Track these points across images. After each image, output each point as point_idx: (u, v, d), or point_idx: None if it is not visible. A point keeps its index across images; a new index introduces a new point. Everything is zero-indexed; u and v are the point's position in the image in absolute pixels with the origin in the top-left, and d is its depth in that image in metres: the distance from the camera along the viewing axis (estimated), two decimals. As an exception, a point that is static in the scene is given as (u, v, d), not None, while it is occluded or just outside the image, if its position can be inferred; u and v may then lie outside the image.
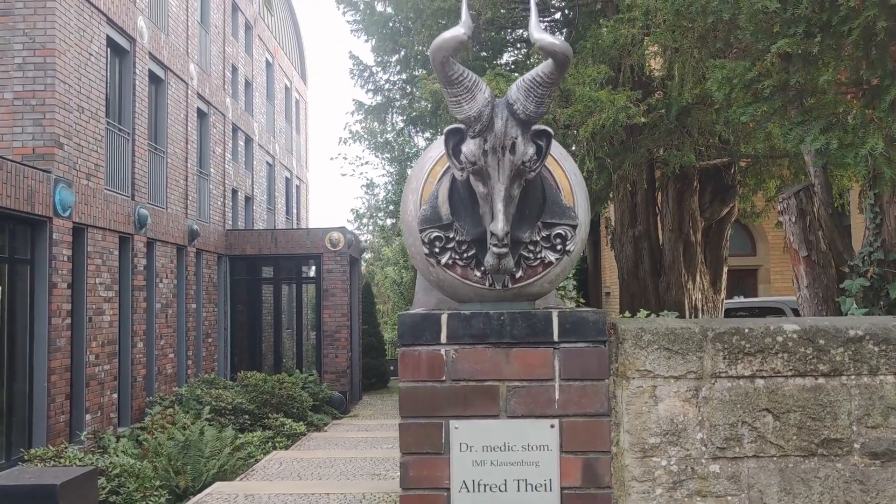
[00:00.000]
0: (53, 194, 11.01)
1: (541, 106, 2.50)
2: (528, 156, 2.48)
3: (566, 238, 2.74)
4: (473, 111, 2.46)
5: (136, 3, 14.25)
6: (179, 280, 16.41)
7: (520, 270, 2.69)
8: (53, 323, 10.95)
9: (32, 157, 11.02)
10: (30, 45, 11.17)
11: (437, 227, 2.70)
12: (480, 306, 2.61)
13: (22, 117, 11.12)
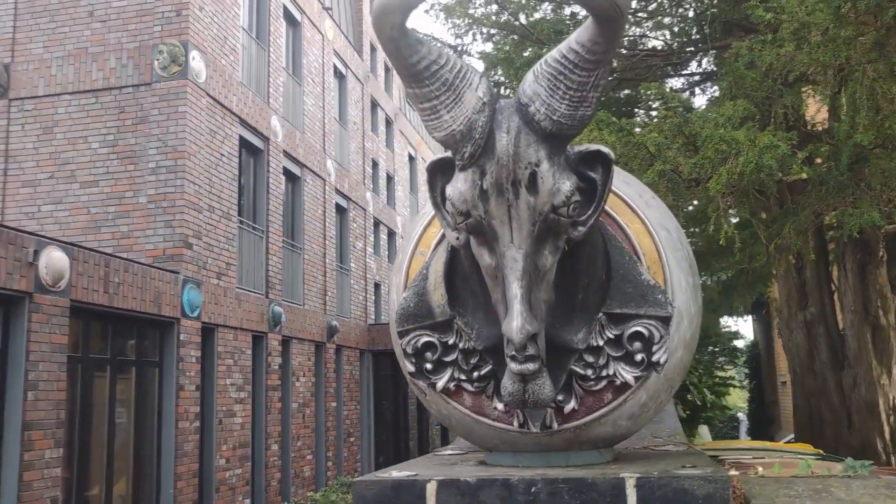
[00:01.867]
0: (181, 295, 10.89)
1: (580, 105, 1.53)
2: (563, 195, 1.52)
3: (652, 339, 1.70)
4: (459, 123, 1.54)
5: (270, 103, 14.43)
6: (318, 378, 16.03)
7: (571, 400, 1.68)
8: (181, 426, 10.65)
9: (163, 259, 11.00)
10: (163, 149, 11.33)
11: (427, 328, 1.75)
12: (513, 458, 1.64)
13: (154, 219, 11.19)
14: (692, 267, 1.91)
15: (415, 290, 1.81)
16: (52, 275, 8.34)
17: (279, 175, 14.63)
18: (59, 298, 8.45)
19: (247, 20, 14.00)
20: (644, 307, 1.75)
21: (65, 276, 8.52)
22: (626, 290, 1.76)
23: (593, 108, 1.61)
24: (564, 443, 1.74)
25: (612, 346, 1.75)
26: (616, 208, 1.92)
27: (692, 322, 1.84)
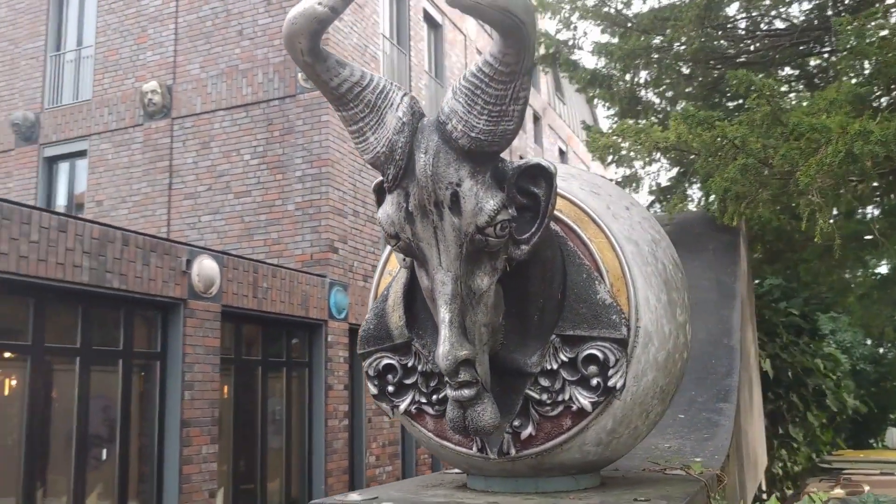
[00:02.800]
0: (328, 298, 11.30)
1: (500, 120, 1.44)
2: (486, 214, 1.43)
3: (607, 363, 1.58)
4: (382, 145, 1.48)
5: (413, 107, 14.70)
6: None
7: (529, 426, 1.59)
8: (330, 425, 11.06)
9: (311, 263, 11.46)
10: (308, 157, 11.81)
11: (388, 350, 1.70)
12: (485, 483, 1.56)
13: (301, 225, 11.68)
14: (669, 282, 1.74)
15: (375, 311, 1.79)
16: (205, 282, 8.89)
17: (423, 177, 14.86)
18: (211, 304, 9.00)
19: (387, 27, 14.32)
20: (598, 328, 1.63)
21: (216, 283, 9.06)
22: (579, 310, 1.65)
23: (516, 121, 1.51)
24: (529, 469, 1.65)
25: (568, 370, 1.64)
26: (580, 222, 1.79)
27: (666, 342, 1.68)
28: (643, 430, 1.80)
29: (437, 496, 1.64)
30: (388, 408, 1.73)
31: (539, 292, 1.66)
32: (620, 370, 1.60)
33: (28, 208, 7.13)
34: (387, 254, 1.85)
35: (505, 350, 1.62)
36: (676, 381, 1.82)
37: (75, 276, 7.35)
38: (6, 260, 6.70)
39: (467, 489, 1.77)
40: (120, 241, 7.86)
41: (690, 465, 2.23)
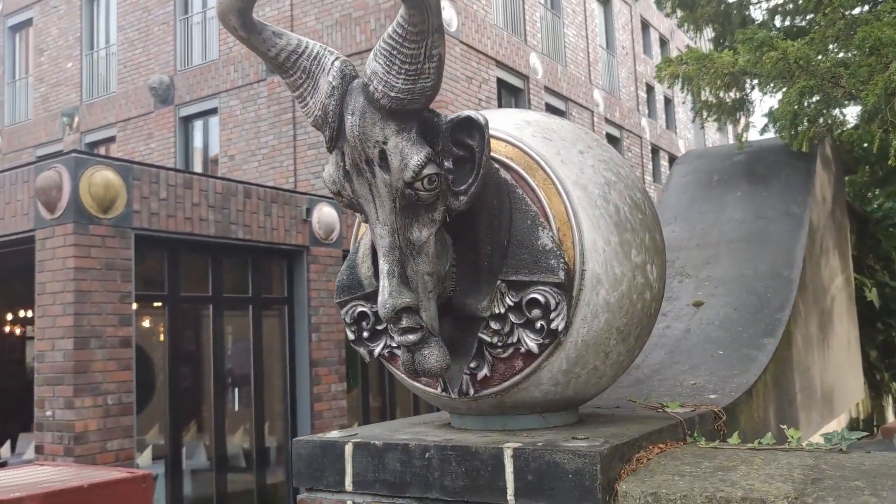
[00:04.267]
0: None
1: (418, 78, 1.47)
2: (411, 170, 1.48)
3: (549, 306, 1.60)
4: (318, 108, 1.54)
5: (528, 41, 14.47)
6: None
7: (484, 367, 1.63)
8: (456, 361, 11.37)
9: (429, 205, 11.67)
10: (422, 101, 11.92)
11: (360, 299, 1.79)
12: (460, 421, 1.63)
13: (419, 169, 11.87)
14: (622, 224, 1.72)
15: (348, 262, 1.89)
16: (325, 228, 9.27)
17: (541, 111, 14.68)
18: (332, 249, 9.39)
19: (497, -38, 14.09)
20: (537, 273, 1.65)
21: (336, 229, 9.43)
22: (521, 256, 1.67)
23: (433, 78, 1.53)
24: (493, 408, 1.72)
25: (514, 314, 1.68)
26: (529, 170, 1.79)
27: (618, 283, 1.67)
28: (606, 371, 1.82)
29: (407, 433, 1.75)
30: (365, 352, 1.86)
31: (486, 240, 1.71)
32: (561, 313, 1.63)
33: (156, 168, 7.66)
34: None
35: (458, 296, 1.70)
36: (639, 321, 1.82)
37: (203, 228, 7.86)
38: (139, 217, 7.26)
39: (445, 427, 1.88)
40: (242, 194, 8.31)
41: (667, 404, 2.21)
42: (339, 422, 9.21)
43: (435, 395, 1.77)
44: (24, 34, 18.19)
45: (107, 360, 6.90)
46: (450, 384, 1.71)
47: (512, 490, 1.52)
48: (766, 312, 3.30)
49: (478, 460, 1.55)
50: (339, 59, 1.63)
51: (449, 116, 1.60)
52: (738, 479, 1.50)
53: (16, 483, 4.54)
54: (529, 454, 1.52)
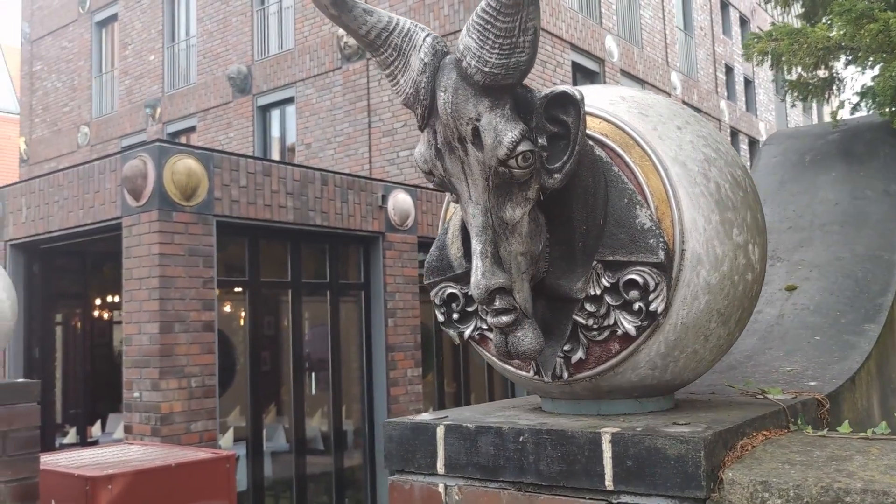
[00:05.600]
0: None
1: (512, 52, 1.42)
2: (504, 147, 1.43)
3: (647, 287, 1.53)
4: (409, 86, 1.51)
5: (603, 23, 14.22)
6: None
7: (579, 350, 1.57)
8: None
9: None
10: (496, 86, 11.84)
11: (450, 280, 1.75)
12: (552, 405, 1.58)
13: (493, 155, 11.81)
14: (723, 202, 1.63)
15: (438, 243, 1.86)
16: (400, 215, 9.31)
17: (617, 96, 14.42)
18: (407, 236, 9.43)
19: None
20: (635, 253, 1.58)
21: (411, 216, 9.46)
22: (618, 235, 1.61)
23: (528, 52, 1.47)
24: (588, 392, 1.66)
25: (611, 295, 1.62)
26: (625, 146, 1.71)
27: (719, 264, 1.59)
28: (706, 355, 1.75)
29: (499, 417, 1.71)
30: (455, 334, 1.83)
31: (581, 219, 1.67)
32: (661, 294, 1.57)
33: (236, 156, 7.80)
34: None
35: (552, 277, 1.66)
36: (740, 303, 1.73)
37: (281, 215, 7.98)
38: (220, 204, 7.41)
39: (536, 411, 1.84)
40: (319, 181, 8.41)
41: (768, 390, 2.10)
42: (415, 406, 9.26)
43: (527, 379, 1.74)
44: (110, 29, 18.79)
45: (190, 343, 7.08)
46: (543, 367, 1.67)
47: (610, 475, 1.48)
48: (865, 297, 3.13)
49: (574, 445, 1.51)
50: (431, 35, 1.61)
51: (543, 91, 1.56)
52: (856, 469, 1.41)
53: (107, 461, 4.70)
54: (629, 439, 1.47)
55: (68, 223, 8.03)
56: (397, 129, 12.89)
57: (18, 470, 3.20)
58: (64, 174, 8.21)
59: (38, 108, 20.13)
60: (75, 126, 18.96)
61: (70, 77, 19.30)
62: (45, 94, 19.96)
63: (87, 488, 4.21)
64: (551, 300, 1.70)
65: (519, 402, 2.09)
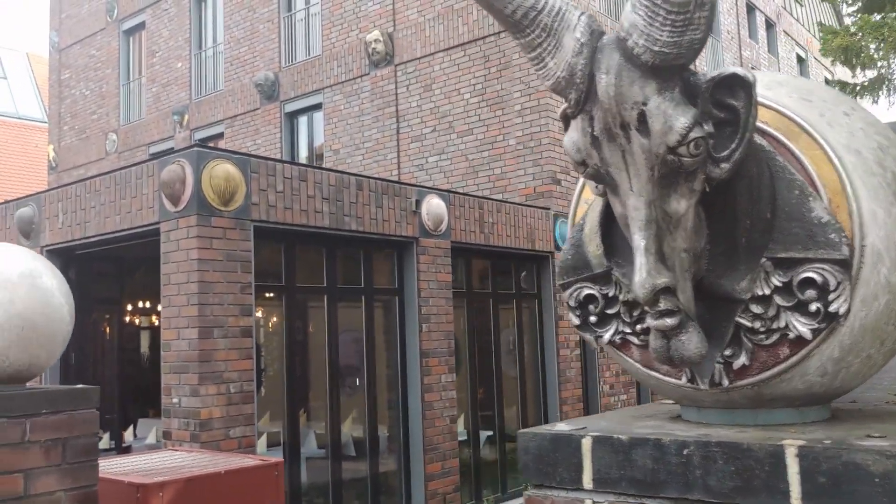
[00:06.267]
0: (553, 230, 11.34)
1: (686, 29, 1.33)
2: (677, 133, 1.33)
3: (827, 286, 1.42)
4: (561, 69, 1.42)
5: (631, 27, 14.12)
6: (703, 304, 15.62)
7: (742, 355, 1.46)
8: (562, 354, 11.22)
9: (534, 196, 11.54)
10: (525, 91, 11.79)
11: (587, 280, 1.64)
12: (698, 414, 1.48)
13: (523, 159, 11.75)
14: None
15: (572, 241, 1.75)
16: (434, 220, 9.26)
17: (646, 100, 14.30)
18: (440, 241, 9.37)
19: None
20: (814, 249, 1.46)
21: (444, 220, 9.41)
22: (792, 230, 1.49)
23: (703, 29, 1.37)
24: (747, 400, 1.53)
25: (782, 295, 1.49)
26: (790, 134, 1.61)
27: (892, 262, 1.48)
28: (879, 360, 1.63)
29: (646, 427, 1.60)
30: (591, 338, 1.72)
31: (745, 213, 1.55)
32: (843, 294, 1.47)
33: (272, 161, 7.78)
34: (582, 181, 1.81)
35: (711, 276, 1.55)
36: None
37: (317, 220, 7.95)
38: (257, 209, 7.39)
39: (680, 420, 1.71)
40: (354, 186, 8.37)
41: None
42: (450, 412, 9.19)
43: (674, 386, 1.62)
44: (137, 37, 18.91)
45: (229, 349, 7.06)
46: (699, 374, 1.55)
47: (798, 493, 1.35)
48: None
49: (751, 458, 1.39)
50: (586, 14, 1.52)
51: (710, 74, 1.47)
52: None
53: (156, 467, 4.66)
54: (819, 453, 1.34)
55: (105, 229, 8.04)
56: (426, 134, 12.86)
57: (78, 478, 3.16)
58: (100, 180, 8.24)
59: (67, 115, 20.29)
60: (103, 133, 19.09)
61: (98, 85, 19.45)
62: (74, 101, 20.12)
63: (139, 496, 4.18)
64: (710, 301, 1.59)
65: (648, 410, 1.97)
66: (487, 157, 12.10)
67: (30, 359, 3.11)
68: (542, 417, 11.08)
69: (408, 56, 13.22)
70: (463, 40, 12.50)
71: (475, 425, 10.12)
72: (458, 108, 12.49)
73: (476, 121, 12.27)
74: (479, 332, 10.44)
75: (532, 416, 11.08)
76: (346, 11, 14.19)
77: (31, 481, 3.01)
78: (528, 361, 11.17)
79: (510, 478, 10.60)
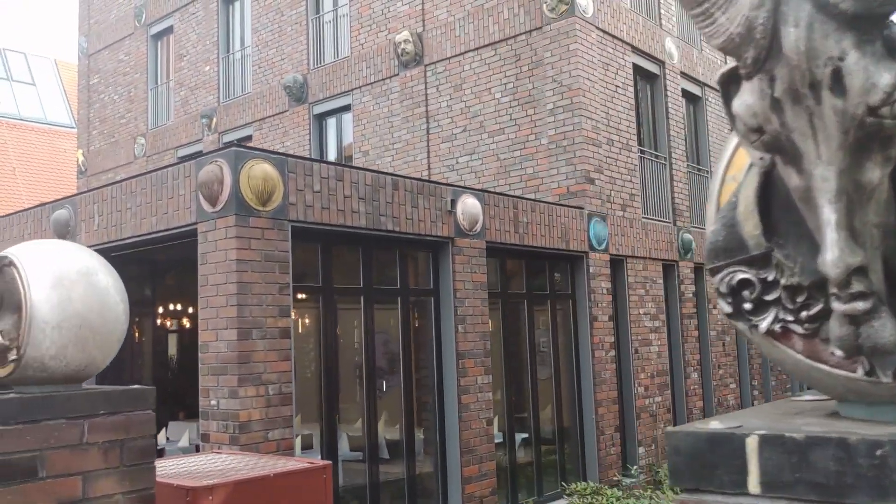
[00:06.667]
0: (587, 229, 11.21)
1: None
2: (880, 91, 1.17)
3: None
4: (735, 24, 1.27)
5: (663, 25, 13.95)
6: (737, 304, 15.38)
7: None
8: (597, 356, 11.07)
9: (567, 196, 11.41)
10: (558, 89, 11.67)
11: (742, 264, 1.47)
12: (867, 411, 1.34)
13: (556, 158, 11.62)
14: None
15: (723, 221, 1.56)
16: (469, 219, 9.16)
17: (678, 98, 14.14)
18: (475, 241, 9.27)
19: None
20: None
21: (479, 220, 9.30)
22: None
23: None
24: None
25: None
26: None
27: None
28: None
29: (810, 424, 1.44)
30: (746, 328, 1.55)
31: None
32: None
33: (309, 161, 7.72)
34: (727, 158, 1.65)
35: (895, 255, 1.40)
36: None
37: (354, 220, 7.88)
38: (295, 209, 7.33)
39: (840, 417, 1.53)
40: (390, 186, 8.29)
41: None
42: (486, 415, 9.08)
43: (845, 379, 1.44)
44: (165, 41, 18.99)
45: (267, 350, 7.00)
46: (881, 366, 1.39)
47: None
48: None
49: None
50: None
51: None
52: None
53: (203, 470, 4.60)
54: None
55: (141, 230, 8.03)
56: (456, 134, 12.77)
57: (136, 480, 3.09)
58: (136, 181, 8.22)
59: (96, 120, 20.42)
60: (132, 137, 19.18)
61: (126, 89, 19.55)
62: (102, 106, 20.24)
63: (188, 499, 4.10)
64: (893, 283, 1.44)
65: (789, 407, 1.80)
66: (519, 157, 11.98)
67: (86, 359, 3.05)
68: (577, 420, 10.94)
69: (437, 56, 13.14)
70: (493, 39, 12.40)
71: (510, 427, 10.00)
72: (490, 107, 12.39)
73: (507, 120, 12.16)
74: (513, 334, 10.32)
75: (567, 418, 10.95)
76: (375, 12, 14.14)
77: (90, 484, 2.95)
78: (563, 363, 11.03)
79: (546, 481, 10.47)
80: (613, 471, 10.99)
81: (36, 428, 2.80)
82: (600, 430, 10.90)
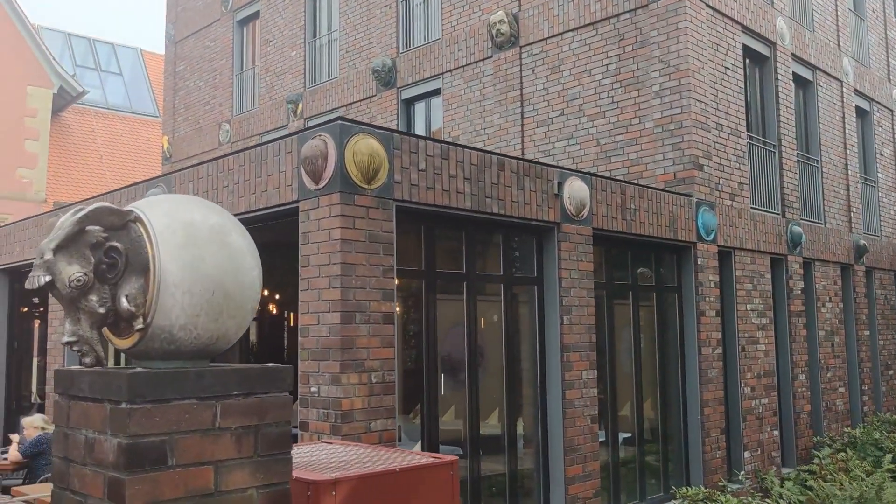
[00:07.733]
0: (696, 218, 10.54)
1: None
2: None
3: None
4: None
5: (774, 3, 13.10)
6: (846, 303, 14.45)
7: None
8: (704, 353, 10.40)
9: (673, 183, 10.75)
10: (665, 70, 11.00)
11: None
12: None
13: (662, 143, 10.96)
14: None
15: None
16: (576, 204, 8.62)
17: (789, 82, 13.27)
18: (582, 227, 8.73)
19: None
20: None
21: (586, 205, 8.75)
22: None
23: None
24: None
25: None
26: None
27: None
28: None
29: None
30: None
31: None
32: None
33: (416, 137, 7.30)
34: None
35: None
36: None
37: (459, 202, 7.43)
38: (400, 188, 6.91)
39: None
40: (496, 166, 7.81)
41: None
42: (590, 412, 8.53)
43: None
44: (251, 27, 18.90)
45: (371, 335, 6.61)
46: None
47: None
48: None
49: None
50: None
51: None
52: None
53: (320, 461, 4.20)
54: None
55: (238, 208, 7.72)
56: (553, 118, 12.21)
57: (271, 473, 2.68)
58: (234, 157, 7.93)
59: (181, 107, 20.51)
60: (217, 124, 19.17)
61: (212, 76, 19.55)
62: (188, 93, 20.30)
63: (310, 493, 3.69)
64: None
65: None
66: (621, 142, 11.36)
67: (219, 330, 2.65)
68: (681, 420, 10.30)
69: (534, 37, 12.59)
70: (595, 18, 11.79)
71: (613, 426, 9.42)
72: (589, 90, 11.79)
73: (609, 103, 11.55)
74: (618, 327, 9.73)
75: (672, 418, 10.31)
76: (468, -8, 13.66)
77: (222, 475, 2.54)
78: (668, 359, 10.39)
79: (649, 483, 9.87)
80: (718, 475, 10.32)
81: (167, 408, 2.41)
82: (706, 431, 10.23)
